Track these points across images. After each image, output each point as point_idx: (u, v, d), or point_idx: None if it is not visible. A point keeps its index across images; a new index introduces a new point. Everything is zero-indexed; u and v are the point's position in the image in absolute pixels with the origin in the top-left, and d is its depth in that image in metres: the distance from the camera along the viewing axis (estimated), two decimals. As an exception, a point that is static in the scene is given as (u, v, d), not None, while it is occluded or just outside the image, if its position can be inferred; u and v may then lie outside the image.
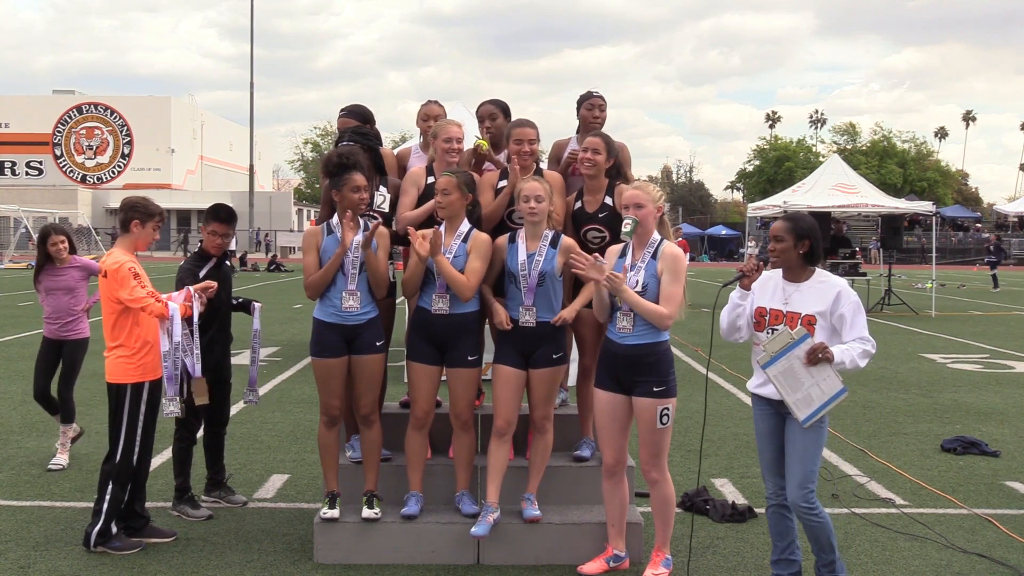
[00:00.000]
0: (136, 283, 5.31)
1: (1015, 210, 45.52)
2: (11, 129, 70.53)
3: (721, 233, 67.86)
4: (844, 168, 23.63)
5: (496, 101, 6.17)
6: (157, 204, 5.67)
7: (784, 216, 4.76)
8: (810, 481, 4.53)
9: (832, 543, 4.63)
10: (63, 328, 7.23)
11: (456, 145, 5.64)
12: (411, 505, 5.35)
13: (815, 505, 4.54)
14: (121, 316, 5.39)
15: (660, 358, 4.89)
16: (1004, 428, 9.08)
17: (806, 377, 4.36)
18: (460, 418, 5.34)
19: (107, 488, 5.42)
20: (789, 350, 4.36)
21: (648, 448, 4.95)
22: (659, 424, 4.87)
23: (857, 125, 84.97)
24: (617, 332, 4.91)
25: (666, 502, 5.03)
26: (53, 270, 7.17)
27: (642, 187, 4.99)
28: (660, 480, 4.98)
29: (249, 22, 55.48)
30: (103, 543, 5.39)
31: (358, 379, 5.32)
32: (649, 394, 4.86)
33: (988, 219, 68.89)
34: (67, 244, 7.18)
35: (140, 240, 5.55)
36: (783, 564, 4.83)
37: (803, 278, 4.63)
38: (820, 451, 4.61)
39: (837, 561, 4.69)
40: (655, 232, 4.96)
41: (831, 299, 4.51)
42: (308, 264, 5.29)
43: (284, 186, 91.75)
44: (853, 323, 4.47)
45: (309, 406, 9.63)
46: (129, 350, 5.38)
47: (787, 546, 4.80)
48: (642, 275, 4.87)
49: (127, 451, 5.43)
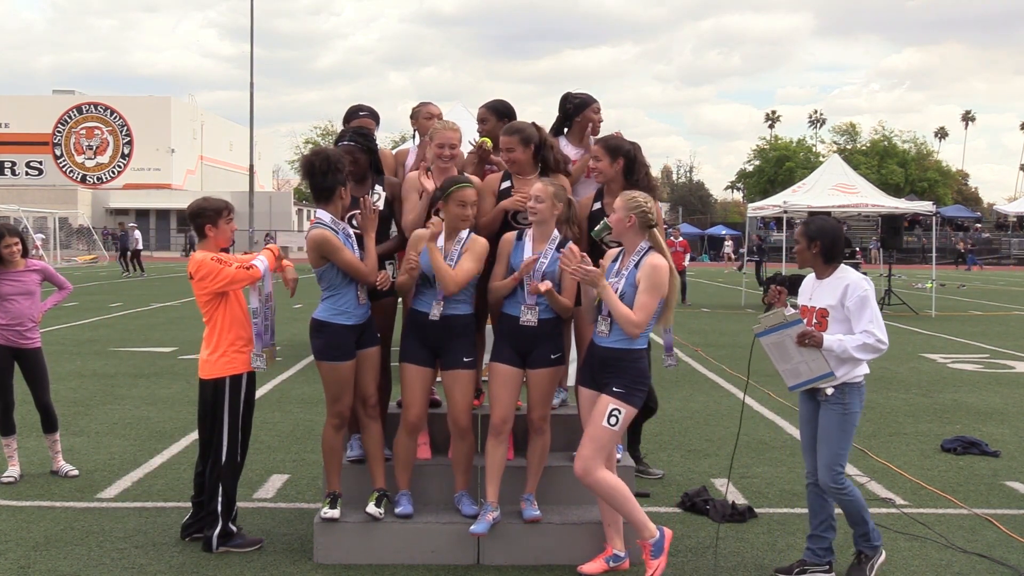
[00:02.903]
0: (222, 265, 5.29)
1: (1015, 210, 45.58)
2: (11, 129, 70.48)
3: (721, 233, 67.89)
4: (844, 168, 23.64)
5: (490, 104, 6.11)
6: (219, 199, 5.61)
7: (801, 221, 5.03)
8: (837, 463, 4.92)
9: (864, 516, 5.03)
10: (21, 336, 6.82)
11: (448, 151, 5.58)
12: (404, 504, 5.35)
13: (843, 485, 4.94)
14: (217, 312, 5.41)
15: (630, 365, 4.92)
16: (1004, 428, 9.09)
17: (796, 354, 4.86)
18: (458, 424, 5.29)
19: (218, 489, 5.42)
20: (781, 328, 4.86)
21: (591, 443, 4.86)
22: (605, 422, 4.85)
23: (857, 125, 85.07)
24: (597, 334, 5.00)
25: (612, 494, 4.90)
26: (10, 274, 6.79)
27: (624, 194, 5.03)
28: (591, 479, 4.87)
29: (249, 22, 55.47)
30: (225, 543, 5.39)
31: (365, 371, 5.33)
32: (608, 392, 4.90)
33: (988, 219, 68.90)
34: (20, 247, 6.83)
35: (220, 238, 5.51)
36: (814, 539, 5.16)
37: (826, 275, 5.02)
38: (848, 435, 4.95)
39: (871, 531, 5.07)
40: (641, 241, 4.97)
41: (839, 293, 4.90)
42: (349, 260, 5.17)
43: (284, 186, 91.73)
44: (859, 316, 4.85)
45: (309, 406, 9.63)
46: (225, 344, 5.39)
47: (821, 523, 5.13)
48: (622, 283, 4.91)
49: (231, 447, 5.43)
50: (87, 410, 9.45)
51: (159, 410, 9.51)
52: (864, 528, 5.07)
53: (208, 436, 5.52)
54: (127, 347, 14.41)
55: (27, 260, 6.93)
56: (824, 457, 4.96)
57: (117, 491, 6.64)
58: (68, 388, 10.60)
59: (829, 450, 4.95)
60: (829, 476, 4.94)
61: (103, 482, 6.85)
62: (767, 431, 8.82)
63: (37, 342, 6.96)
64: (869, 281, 5.00)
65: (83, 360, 12.90)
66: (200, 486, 5.61)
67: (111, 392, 10.52)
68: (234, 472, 5.49)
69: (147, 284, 30.83)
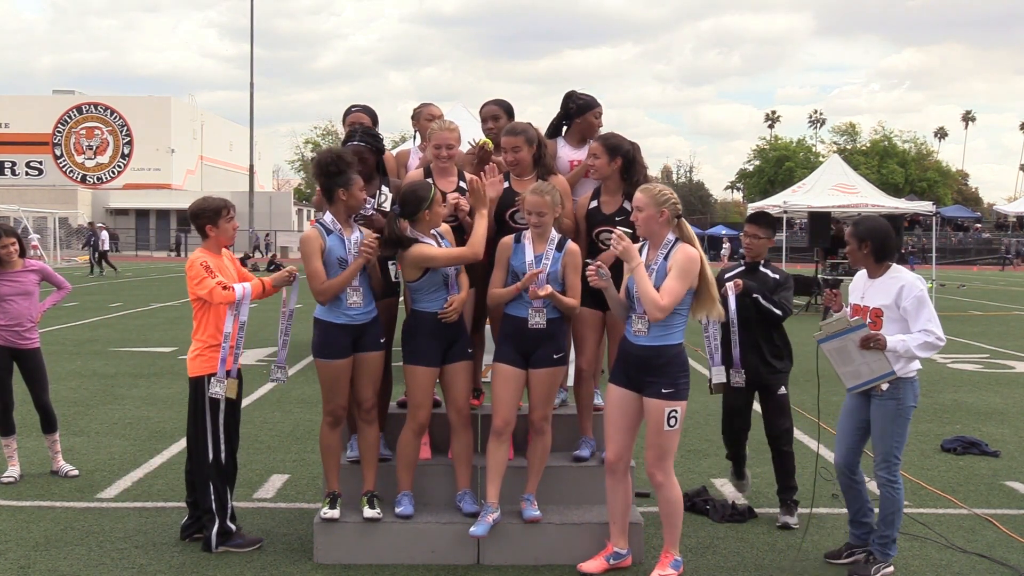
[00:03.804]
0: (206, 275, 5.33)
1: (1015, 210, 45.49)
2: (11, 129, 70.42)
3: (721, 233, 67.87)
4: (844, 168, 23.63)
5: (499, 101, 6.13)
6: (218, 198, 5.64)
7: (851, 222, 5.14)
8: (893, 455, 5.13)
9: (895, 521, 5.15)
10: (20, 336, 6.82)
11: (445, 152, 5.56)
12: (405, 505, 5.35)
13: (896, 478, 5.14)
14: (200, 311, 5.45)
15: (670, 360, 4.90)
16: (1004, 428, 9.09)
17: (858, 356, 4.99)
18: (461, 413, 5.33)
19: (208, 487, 5.42)
20: (844, 333, 5.00)
21: (654, 450, 4.94)
22: (667, 426, 4.87)
23: (857, 125, 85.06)
24: (633, 333, 4.94)
25: (671, 504, 5.01)
26: (8, 274, 6.78)
27: (647, 189, 4.95)
28: (664, 483, 4.96)
29: (249, 22, 55.50)
30: (225, 543, 5.40)
31: (361, 375, 5.34)
32: (658, 395, 4.88)
33: (988, 219, 68.89)
34: (17, 247, 6.83)
35: (221, 238, 5.54)
36: (856, 525, 5.37)
37: (878, 274, 5.18)
38: (903, 429, 5.13)
39: (892, 540, 5.18)
40: (668, 234, 4.93)
41: (894, 293, 5.05)
42: (315, 270, 5.25)
43: (284, 186, 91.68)
44: (917, 316, 4.99)
45: (309, 406, 9.63)
46: (206, 343, 5.40)
47: (859, 509, 5.33)
48: (653, 277, 4.86)
49: (215, 445, 5.43)
50: (87, 410, 9.45)
51: (159, 410, 9.51)
52: (888, 533, 5.15)
53: (192, 433, 5.52)
54: (127, 347, 14.41)
55: (25, 260, 6.92)
56: (881, 452, 5.13)
57: (117, 491, 6.65)
58: (68, 388, 10.61)
59: (885, 444, 5.12)
60: (885, 469, 5.11)
61: (103, 482, 6.85)
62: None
63: (36, 342, 6.96)
64: (923, 280, 5.15)
65: (83, 360, 12.90)
66: (191, 484, 5.62)
67: (111, 392, 10.53)
68: (219, 470, 5.46)
69: (147, 284, 30.82)
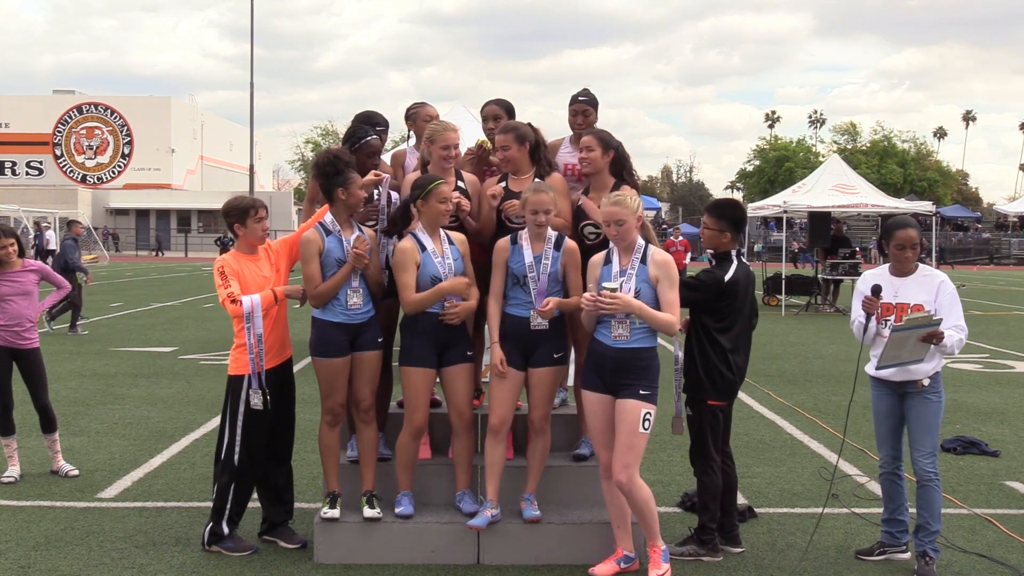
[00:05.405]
0: (221, 282, 5.31)
1: (1015, 210, 45.61)
2: (11, 129, 70.46)
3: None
4: (844, 168, 23.62)
5: (500, 101, 6.12)
6: (248, 197, 5.59)
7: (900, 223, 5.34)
8: (936, 449, 5.28)
9: (939, 514, 5.26)
10: (20, 336, 6.80)
11: (454, 152, 5.55)
12: (405, 505, 5.34)
13: (938, 472, 5.27)
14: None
15: (649, 363, 4.95)
16: (1004, 428, 9.08)
17: (911, 347, 5.13)
18: (463, 416, 5.32)
19: (215, 485, 5.44)
20: (921, 327, 5.09)
21: (624, 453, 4.88)
22: (641, 428, 4.88)
23: (857, 125, 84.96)
24: (612, 338, 4.94)
25: (644, 503, 4.95)
26: (6, 275, 6.77)
27: (620, 202, 4.98)
28: (631, 486, 4.90)
29: (249, 22, 55.46)
30: (215, 543, 5.39)
31: (359, 374, 5.34)
32: (635, 396, 4.90)
33: (988, 219, 68.89)
34: (16, 247, 6.82)
35: (250, 237, 5.48)
36: (892, 523, 5.48)
37: (910, 272, 5.33)
38: (940, 419, 5.34)
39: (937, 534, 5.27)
40: (639, 238, 5.01)
41: (935, 289, 5.24)
42: (311, 273, 5.25)
43: (284, 186, 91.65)
44: (951, 311, 5.18)
45: (309, 406, 9.60)
46: (240, 343, 5.38)
47: (896, 508, 5.46)
48: (634, 281, 4.91)
49: (229, 446, 5.41)
50: (87, 410, 9.45)
51: (159, 410, 9.51)
52: (938, 528, 5.27)
53: (220, 430, 5.51)
54: (127, 347, 14.41)
55: (24, 260, 6.92)
56: (927, 445, 5.24)
57: (117, 491, 6.65)
58: (68, 388, 10.61)
59: (931, 439, 5.26)
60: (932, 464, 5.22)
61: (103, 482, 6.85)
62: (767, 431, 8.82)
63: (35, 342, 6.96)
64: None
65: (83, 360, 12.90)
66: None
67: (111, 392, 10.52)
68: (230, 472, 5.40)
69: (147, 284, 30.82)
